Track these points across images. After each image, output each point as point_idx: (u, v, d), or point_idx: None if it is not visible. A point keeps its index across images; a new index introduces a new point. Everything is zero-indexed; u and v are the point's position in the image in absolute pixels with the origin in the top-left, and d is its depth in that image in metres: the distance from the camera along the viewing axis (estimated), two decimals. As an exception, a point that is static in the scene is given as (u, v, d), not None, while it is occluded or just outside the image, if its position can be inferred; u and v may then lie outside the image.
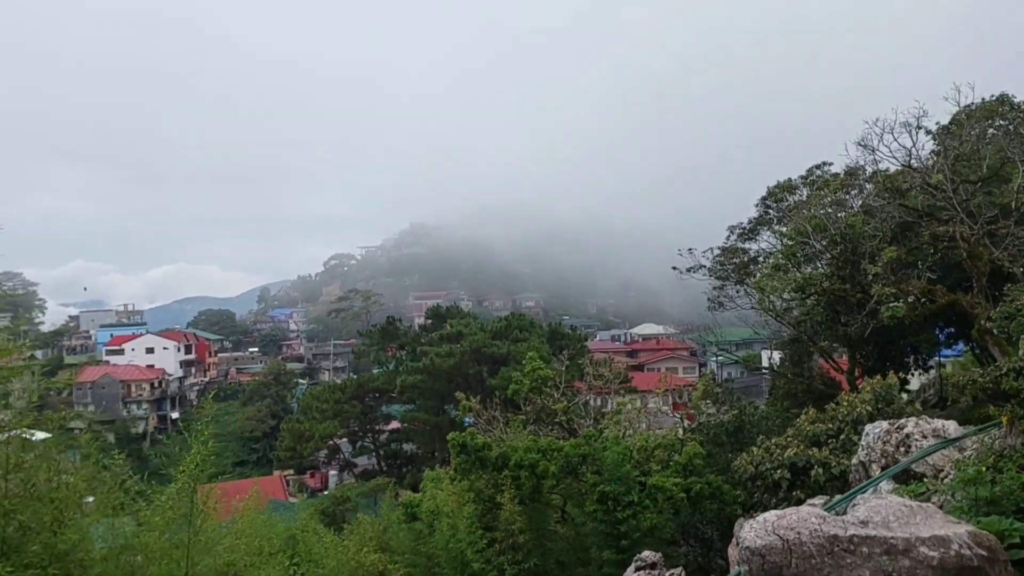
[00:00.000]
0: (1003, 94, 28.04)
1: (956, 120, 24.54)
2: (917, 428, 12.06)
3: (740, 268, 28.07)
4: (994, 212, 20.78)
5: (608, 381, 23.26)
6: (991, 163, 21.73)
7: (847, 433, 14.00)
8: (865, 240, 22.13)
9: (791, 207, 26.61)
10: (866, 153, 22.85)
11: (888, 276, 20.78)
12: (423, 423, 51.49)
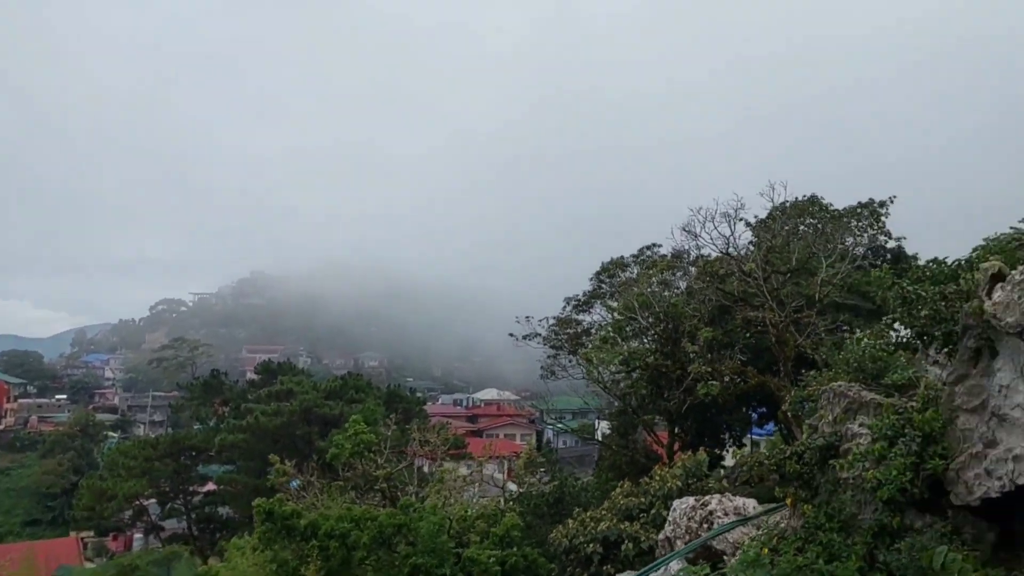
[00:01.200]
0: (813, 195, 30.89)
1: (772, 215, 26.69)
2: (720, 505, 12.44)
3: (573, 338, 28.72)
4: (801, 302, 22.54)
5: (434, 447, 22.68)
6: (800, 256, 23.70)
7: (658, 508, 14.25)
8: (686, 319, 23.33)
9: (622, 283, 27.70)
10: (690, 238, 24.23)
11: (705, 355, 21.89)
12: (242, 486, 48.14)
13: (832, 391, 10.51)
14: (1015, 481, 7.50)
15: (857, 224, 28.01)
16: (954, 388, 8.52)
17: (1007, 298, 7.96)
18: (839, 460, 9.23)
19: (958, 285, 9.96)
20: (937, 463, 8.12)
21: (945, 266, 11.78)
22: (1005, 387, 7.98)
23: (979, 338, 8.37)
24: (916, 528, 8.15)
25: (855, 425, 9.73)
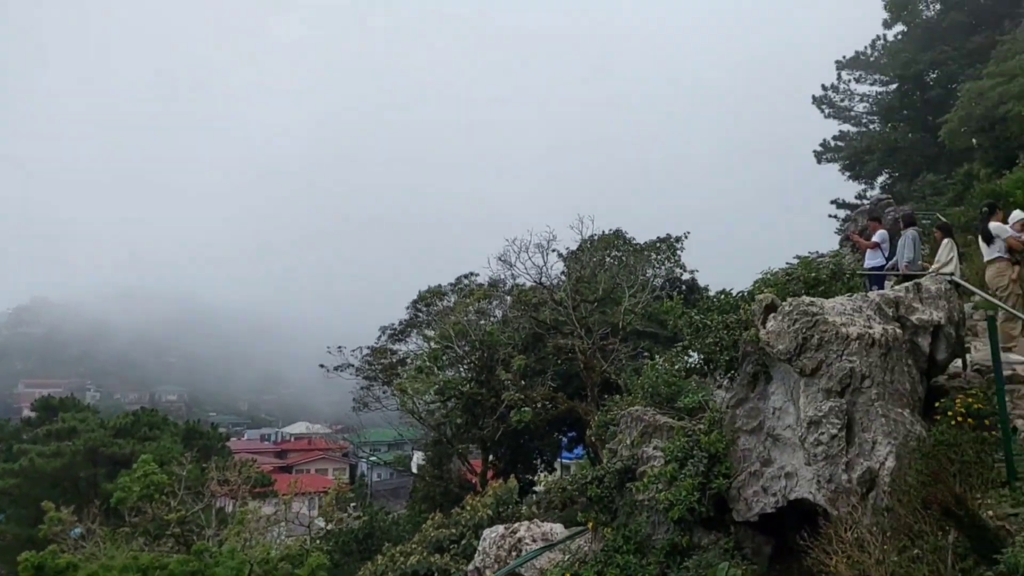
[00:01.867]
0: (618, 229, 32.67)
1: (581, 247, 27.89)
2: (529, 532, 12.55)
3: (388, 369, 28.23)
4: (607, 329, 23.64)
5: (236, 485, 21.22)
6: (606, 286, 24.87)
7: (468, 538, 14.17)
8: (501, 348, 23.70)
9: (440, 312, 27.68)
10: (506, 268, 24.72)
11: (519, 382, 22.30)
12: (11, 538, 42.56)
13: (630, 415, 10.97)
14: (787, 497, 8.14)
15: (656, 257, 29.94)
16: (735, 411, 9.15)
17: (778, 327, 8.70)
18: (636, 483, 9.60)
19: (739, 315, 10.78)
20: (721, 482, 8.65)
21: (730, 297, 12.73)
22: (778, 409, 8.68)
23: (756, 364, 9.07)
24: (703, 545, 8.60)
25: (650, 448, 10.19)
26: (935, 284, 9.29)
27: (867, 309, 8.83)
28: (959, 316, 9.26)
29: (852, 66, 42.81)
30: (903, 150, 35.82)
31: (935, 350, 8.80)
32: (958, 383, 9.28)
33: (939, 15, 35.64)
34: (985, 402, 7.66)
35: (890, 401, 8.00)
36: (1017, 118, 22.07)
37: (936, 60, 34.52)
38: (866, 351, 8.05)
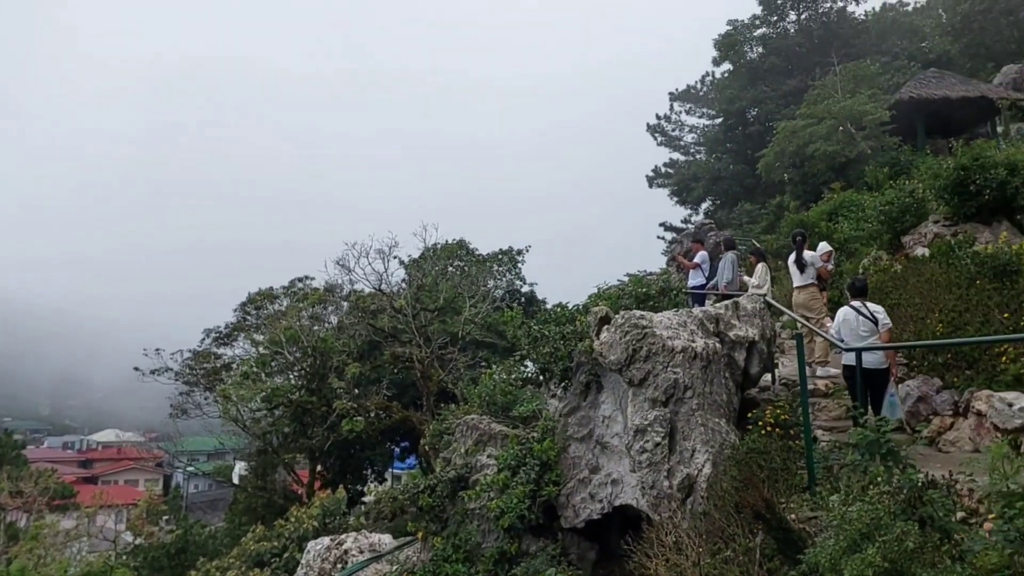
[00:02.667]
0: (461, 239, 32.81)
1: (424, 255, 27.71)
2: (356, 543, 12.17)
3: (211, 374, 26.54)
4: (446, 338, 23.54)
5: (30, 497, 19.19)
6: (447, 296, 24.80)
7: (292, 551, 13.54)
8: (335, 355, 22.96)
9: (270, 316, 26.43)
10: (344, 272, 24.04)
11: (352, 391, 21.70)
12: None
13: (466, 424, 10.92)
14: (613, 503, 8.38)
15: (498, 268, 30.33)
16: (567, 419, 9.34)
17: (611, 338, 8.97)
18: (468, 491, 9.54)
19: (575, 327, 11.05)
20: (551, 489, 8.77)
21: (567, 309, 13.03)
22: (607, 417, 8.94)
23: (589, 373, 9.31)
24: (531, 552, 8.67)
25: (484, 456, 10.18)
26: (751, 303, 9.98)
27: (691, 324, 9.31)
28: (770, 333, 9.99)
29: (683, 99, 45.75)
30: (725, 179, 38.58)
31: (749, 364, 9.43)
32: (768, 395, 10.00)
33: (761, 58, 38.78)
34: (791, 413, 8.26)
35: (709, 411, 8.46)
36: (823, 156, 24.36)
37: (757, 98, 37.51)
38: (689, 363, 8.47)
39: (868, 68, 29.73)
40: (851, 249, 16.09)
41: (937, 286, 9.92)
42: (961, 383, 8.21)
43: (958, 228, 13.58)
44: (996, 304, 8.62)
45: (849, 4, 38.19)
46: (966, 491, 5.68)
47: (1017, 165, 13.29)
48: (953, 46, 35.86)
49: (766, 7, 38.64)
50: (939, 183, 14.03)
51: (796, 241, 12.05)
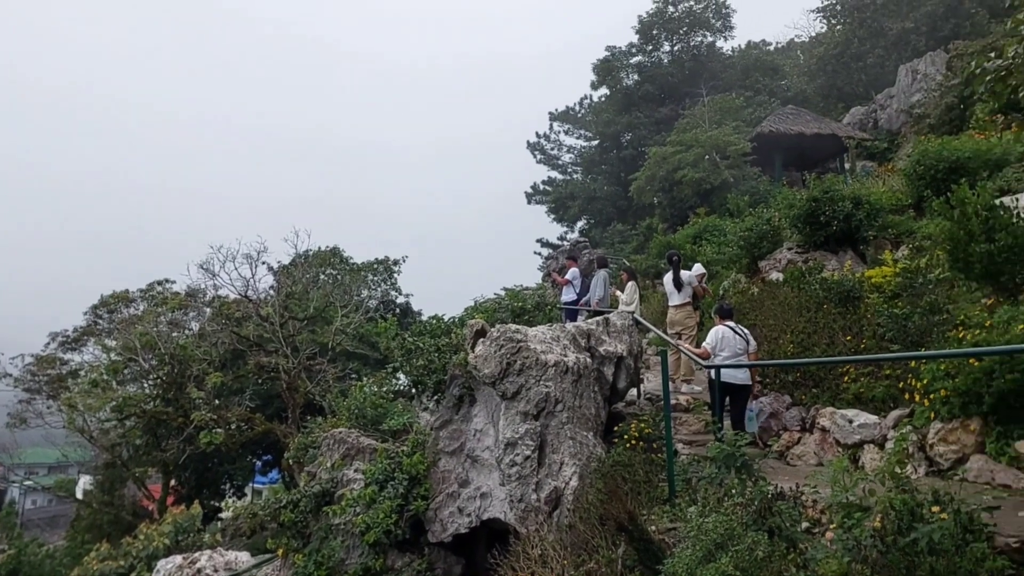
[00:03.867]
0: (335, 247, 32.10)
1: (295, 261, 26.88)
2: (210, 562, 11.56)
3: (56, 381, 24.62)
4: (315, 349, 22.88)
5: None
6: (318, 305, 24.13)
7: (140, 570, 12.70)
8: (195, 363, 21.82)
9: (124, 320, 24.83)
10: (208, 277, 22.93)
11: (212, 401, 20.67)
12: None
13: (333, 437, 10.62)
14: (481, 517, 8.36)
15: (373, 278, 29.86)
16: (439, 432, 9.26)
17: (486, 351, 8.99)
18: (333, 506, 9.27)
19: (450, 339, 11.01)
20: (420, 504, 8.65)
21: (442, 322, 12.98)
22: (479, 431, 8.94)
23: (462, 386, 9.28)
24: (396, 568, 8.52)
25: (351, 470, 9.93)
26: (620, 320, 10.27)
27: (564, 339, 9.48)
28: (638, 349, 10.32)
29: (563, 119, 46.89)
30: (600, 200, 39.79)
31: (617, 379, 9.69)
32: (633, 410, 10.30)
33: (636, 85, 40.35)
34: (654, 427, 8.54)
35: (578, 424, 8.62)
36: (691, 182, 25.57)
37: (631, 123, 38.98)
38: (561, 377, 8.61)
39: (733, 101, 31.55)
40: (713, 271, 16.93)
41: (789, 309, 10.58)
42: (808, 400, 8.77)
43: (809, 255, 14.56)
44: (840, 327, 9.29)
45: (718, 40, 40.46)
46: (811, 502, 6.04)
47: (861, 199, 14.41)
48: (809, 86, 38.64)
49: (642, 36, 40.28)
50: (793, 213, 15.01)
51: (673, 261, 12.50)
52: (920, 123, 24.62)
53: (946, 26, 31.44)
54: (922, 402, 6.97)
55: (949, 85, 23.30)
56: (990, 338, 6.64)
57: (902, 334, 8.41)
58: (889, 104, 29.90)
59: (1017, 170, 13.48)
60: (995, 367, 6.11)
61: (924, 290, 8.99)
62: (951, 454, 6.50)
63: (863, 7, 37.01)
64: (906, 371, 7.59)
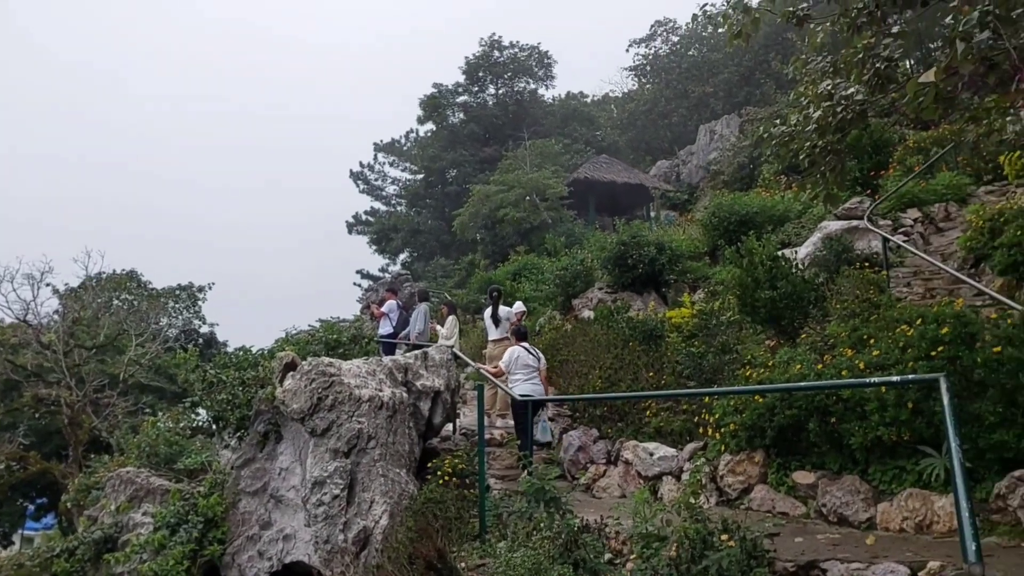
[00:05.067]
0: (133, 270, 29.67)
1: (85, 284, 24.54)
2: (-39, 626, 10.06)
3: None
4: (104, 380, 20.90)
5: None
6: (109, 332, 22.14)
7: None
8: (-43, 395, 19.23)
9: None
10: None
11: (-24, 438, 18.25)
12: None
13: (119, 477, 9.69)
14: (283, 560, 7.91)
15: (175, 305, 27.87)
16: (240, 472, 8.71)
17: (296, 386, 8.61)
18: (116, 554, 8.41)
19: (258, 372, 10.44)
20: (215, 548, 8.05)
21: (250, 353, 12.31)
22: (285, 470, 8.49)
23: (268, 423, 8.81)
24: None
25: (139, 514, 9.09)
26: (439, 354, 10.24)
27: (380, 373, 9.29)
28: (455, 384, 10.32)
29: (388, 151, 46.71)
30: (423, 233, 39.86)
31: (433, 414, 9.62)
32: (448, 445, 10.26)
33: (462, 123, 41.12)
34: (468, 463, 8.53)
35: (391, 461, 8.43)
36: (512, 221, 26.27)
37: (456, 160, 39.57)
38: (375, 413, 8.40)
39: (552, 146, 32.98)
40: (531, 308, 17.42)
41: (599, 346, 11.05)
42: (614, 434, 9.15)
43: (617, 295, 15.36)
44: (644, 364, 9.82)
45: (540, 88, 42.28)
46: (614, 533, 6.25)
47: (664, 245, 15.47)
48: (621, 137, 41.28)
49: (469, 77, 41.23)
50: (604, 255, 15.82)
51: (493, 297, 12.67)
52: (716, 179, 26.96)
53: (740, 93, 34.84)
54: (714, 435, 7.48)
55: (741, 146, 25.76)
56: (772, 376, 7.27)
57: (698, 371, 9.02)
58: (690, 159, 32.53)
59: (796, 225, 15.05)
60: (776, 403, 6.68)
61: (717, 331, 9.71)
62: (738, 484, 7.00)
63: (670, 70, 40.25)
64: (701, 406, 8.12)
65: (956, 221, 13.33)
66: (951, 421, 4.13)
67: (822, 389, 6.33)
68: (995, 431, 5.47)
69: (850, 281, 9.87)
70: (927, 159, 15.44)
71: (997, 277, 9.54)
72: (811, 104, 7.60)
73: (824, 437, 6.41)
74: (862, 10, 7.34)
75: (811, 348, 7.85)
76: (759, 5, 8.00)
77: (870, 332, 7.12)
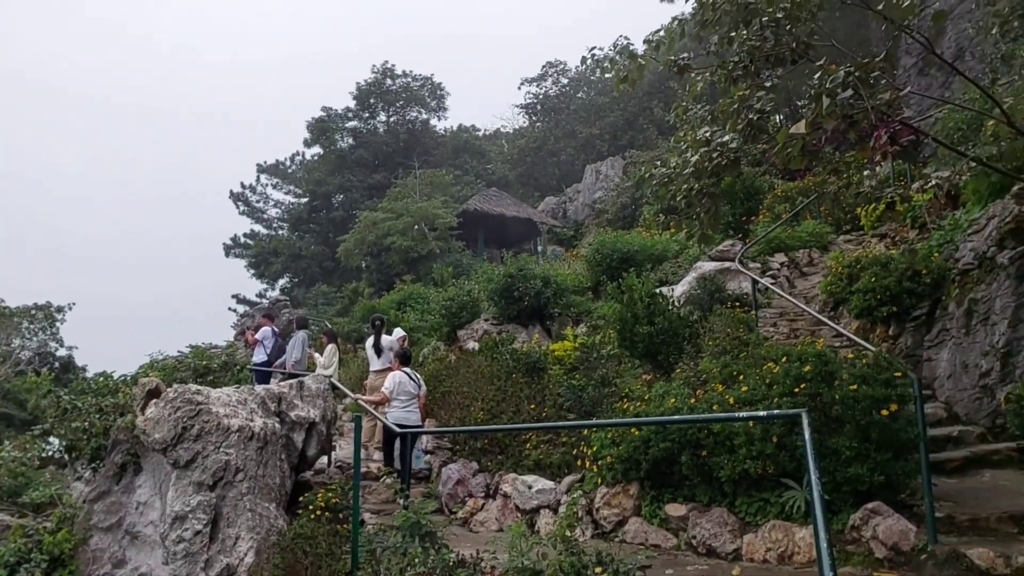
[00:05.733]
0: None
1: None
2: None
3: None
4: (-59, 406, 19.08)
5: None
6: (-50, 353, 20.27)
7: None
8: None
9: None
10: None
11: None
12: None
13: (-50, 514, 8.77)
14: (137, 602, 7.35)
15: (29, 326, 25.82)
16: (94, 505, 8.08)
17: (159, 414, 8.10)
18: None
19: (118, 399, 9.78)
20: (60, 591, 7.40)
21: (110, 379, 11.54)
22: (143, 504, 7.94)
23: (127, 453, 8.23)
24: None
25: (-29, 555, 8.23)
26: (315, 384, 9.91)
27: (252, 402, 8.88)
28: (331, 415, 10.00)
29: (272, 172, 45.47)
30: (305, 259, 38.86)
31: (307, 446, 9.26)
32: (323, 479, 9.90)
33: (351, 148, 40.65)
34: (342, 496, 8.24)
35: (259, 495, 8.04)
36: (399, 249, 26.05)
37: (343, 185, 38.98)
38: (244, 444, 8.01)
39: (443, 177, 33.08)
40: (415, 338, 17.21)
41: (482, 378, 11.02)
42: (494, 467, 9.10)
43: (503, 327, 15.43)
44: (526, 396, 9.86)
45: (432, 118, 42.46)
46: (489, 568, 6.16)
47: (550, 279, 15.71)
48: (511, 172, 41.92)
49: (360, 103, 40.89)
50: (491, 286, 15.88)
51: (375, 326, 12.41)
52: (600, 217, 27.78)
53: (625, 136, 36.18)
54: (592, 468, 7.57)
55: (624, 187, 26.69)
56: (647, 410, 7.45)
57: (578, 404, 9.14)
58: (577, 197, 33.41)
59: (674, 264, 15.66)
60: (652, 436, 6.84)
61: (597, 364, 9.90)
62: (613, 517, 7.09)
63: (559, 110, 41.39)
64: (580, 439, 8.21)
65: (818, 266, 14.24)
66: (811, 455, 4.33)
67: (694, 423, 6.54)
68: (851, 465, 5.80)
69: (722, 319, 10.31)
70: (793, 207, 16.47)
71: (854, 320, 10.22)
72: (689, 149, 7.95)
73: (696, 470, 6.61)
74: (738, 63, 7.78)
75: (685, 383, 8.12)
76: (644, 53, 8.34)
77: (739, 369, 7.42)
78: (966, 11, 17.49)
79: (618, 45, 8.28)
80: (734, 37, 7.88)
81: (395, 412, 9.53)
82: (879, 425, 5.85)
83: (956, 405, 8.30)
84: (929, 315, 9.20)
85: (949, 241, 9.88)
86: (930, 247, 10.17)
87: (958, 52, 18.33)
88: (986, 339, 8.11)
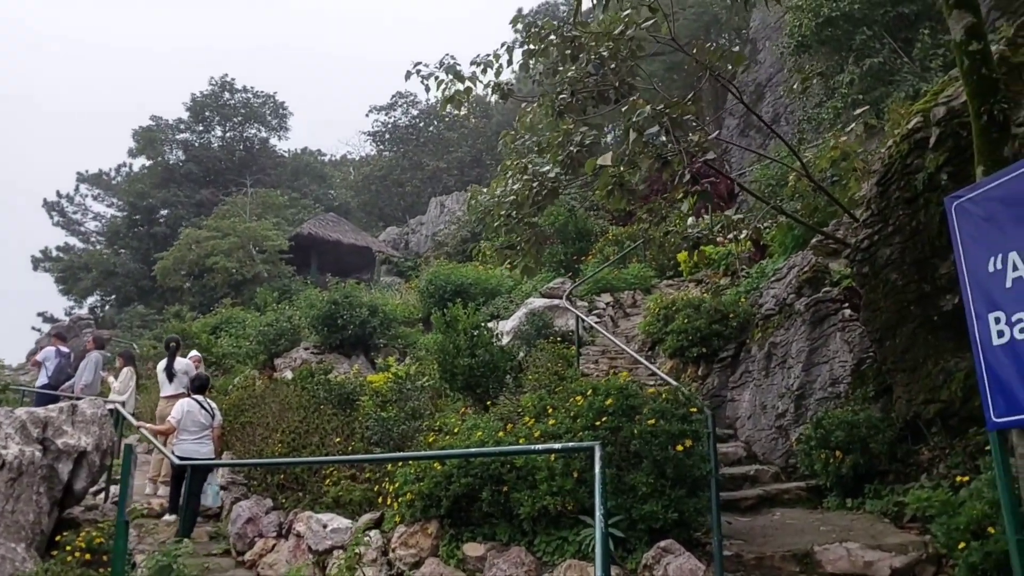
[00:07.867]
0: None
1: None
2: None
3: None
4: None
5: None
6: None
7: None
8: None
9: None
10: None
11: None
12: None
13: None
14: None
15: None
16: None
17: None
18: None
19: None
20: None
21: None
22: None
23: None
24: None
25: None
26: (92, 408, 8.79)
27: (8, 427, 7.73)
28: (109, 444, 8.87)
29: (93, 182, 41.85)
30: (120, 276, 35.73)
31: (75, 478, 8.14)
32: (95, 516, 8.76)
33: (180, 162, 38.20)
34: (110, 537, 7.26)
35: (7, 534, 6.94)
36: (222, 271, 24.49)
37: (169, 200, 36.44)
38: (-13, 475, 6.88)
39: (278, 198, 31.73)
40: (228, 365, 16.02)
41: (290, 408, 10.26)
42: (290, 504, 8.39)
43: (324, 356, 14.66)
44: (333, 428, 9.24)
45: (272, 137, 40.87)
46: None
47: (378, 308, 15.17)
48: (354, 200, 41.01)
49: (193, 115, 38.66)
50: (314, 313, 15.09)
51: (170, 348, 11.36)
52: (440, 249, 27.56)
53: (472, 172, 36.45)
54: (392, 505, 7.09)
55: (465, 221, 26.67)
56: (455, 443, 7.09)
57: (387, 437, 8.64)
58: (420, 229, 33.08)
59: (507, 300, 15.59)
60: (454, 471, 6.47)
61: (410, 396, 9.46)
62: (410, 558, 6.62)
63: (407, 140, 41.13)
64: (384, 474, 7.72)
65: (641, 307, 14.63)
66: (599, 489, 4.11)
67: (489, 455, 6.25)
68: (647, 501, 5.70)
69: (544, 354, 10.24)
70: (621, 250, 16.96)
71: (668, 359, 10.46)
72: (512, 177, 7.83)
73: (497, 507, 6.30)
74: (562, 97, 7.77)
75: (499, 416, 7.85)
76: (472, 75, 8.17)
77: (552, 403, 7.25)
78: (782, 80, 18.98)
79: (444, 63, 8.16)
80: (561, 71, 7.89)
81: (185, 444, 8.62)
82: (675, 461, 5.81)
83: (755, 445, 8.57)
84: (735, 357, 9.54)
85: (755, 288, 10.37)
86: (738, 292, 10.64)
87: (774, 117, 19.85)
88: (782, 381, 8.46)
